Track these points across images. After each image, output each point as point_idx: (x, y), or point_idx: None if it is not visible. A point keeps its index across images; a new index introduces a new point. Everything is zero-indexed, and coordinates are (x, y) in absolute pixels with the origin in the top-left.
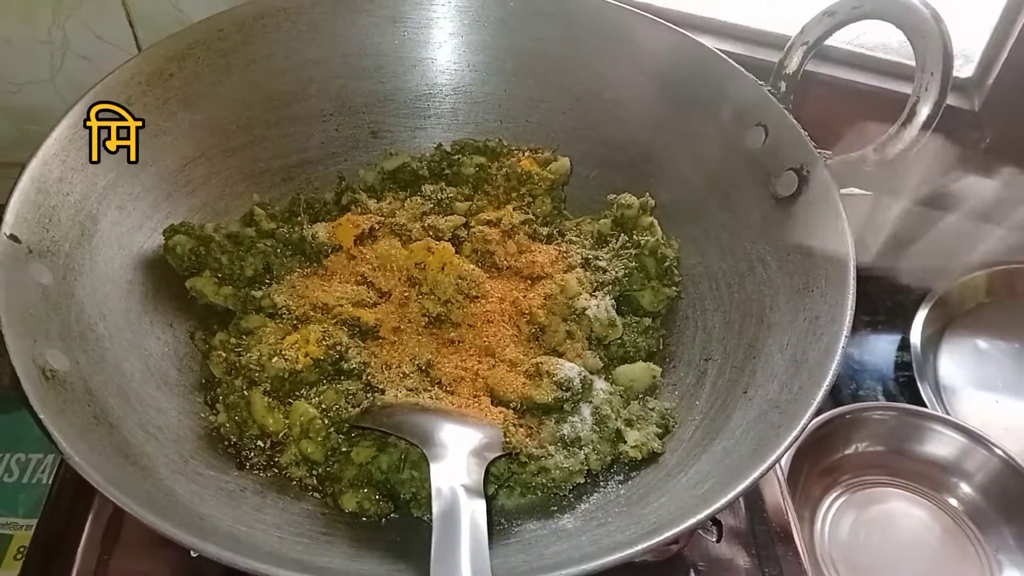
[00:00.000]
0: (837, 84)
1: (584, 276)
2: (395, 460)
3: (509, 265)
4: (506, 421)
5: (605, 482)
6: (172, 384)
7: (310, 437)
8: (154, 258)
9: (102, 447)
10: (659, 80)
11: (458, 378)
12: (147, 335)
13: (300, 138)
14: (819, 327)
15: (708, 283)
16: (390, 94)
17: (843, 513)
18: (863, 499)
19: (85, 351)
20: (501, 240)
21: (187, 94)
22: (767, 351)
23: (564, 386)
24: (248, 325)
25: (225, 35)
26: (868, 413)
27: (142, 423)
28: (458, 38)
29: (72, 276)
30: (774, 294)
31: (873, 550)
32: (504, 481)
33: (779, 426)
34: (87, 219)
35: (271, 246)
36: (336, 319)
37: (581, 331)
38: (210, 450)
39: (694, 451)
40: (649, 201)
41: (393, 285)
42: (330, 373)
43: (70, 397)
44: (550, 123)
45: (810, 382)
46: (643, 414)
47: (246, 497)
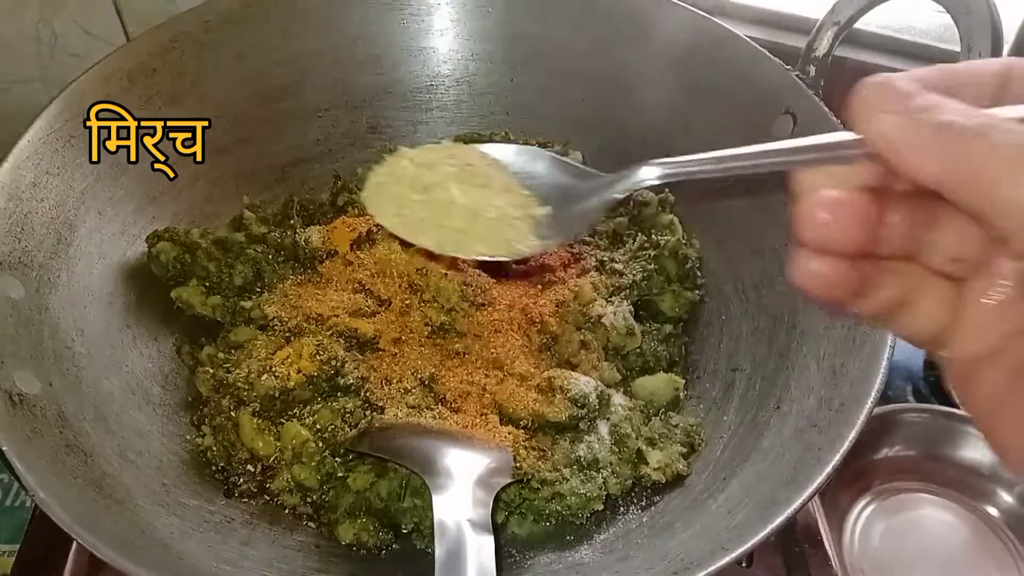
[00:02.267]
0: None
1: (599, 280)
2: (395, 487)
3: (518, 269)
4: (516, 443)
5: (625, 508)
6: (155, 404)
7: (303, 462)
8: (137, 267)
9: (73, 479)
10: (678, 66)
11: (464, 393)
12: (129, 351)
13: (293, 135)
14: (859, 335)
15: (733, 285)
16: (389, 86)
17: (874, 520)
18: (895, 506)
19: (59, 371)
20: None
21: (172, 90)
22: (801, 361)
23: (579, 402)
24: (237, 338)
25: (212, 26)
26: (900, 415)
27: (121, 449)
28: (461, 25)
29: (46, 289)
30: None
31: (906, 559)
32: (515, 508)
33: (819, 448)
34: (63, 226)
35: (262, 252)
36: (331, 330)
37: (597, 340)
38: (195, 476)
39: (723, 474)
40: (668, 197)
41: (393, 293)
42: (325, 390)
43: (40, 424)
44: (561, 114)
45: (852, 398)
46: (666, 431)
47: (234, 529)
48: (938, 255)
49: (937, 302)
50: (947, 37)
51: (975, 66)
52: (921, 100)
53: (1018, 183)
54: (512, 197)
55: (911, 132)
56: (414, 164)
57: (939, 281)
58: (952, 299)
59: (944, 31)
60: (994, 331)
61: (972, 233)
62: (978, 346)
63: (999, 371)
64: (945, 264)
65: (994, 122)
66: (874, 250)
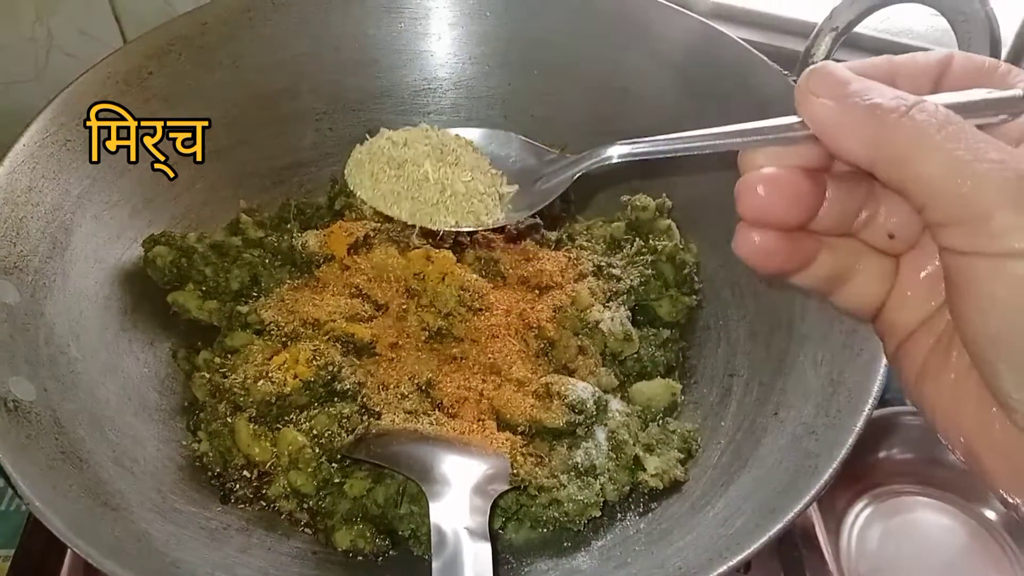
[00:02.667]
0: None
1: (596, 285)
2: (392, 493)
3: (515, 274)
4: (513, 449)
5: (623, 515)
6: (151, 409)
7: (299, 468)
8: (133, 271)
9: (68, 487)
10: (676, 71)
11: (461, 399)
12: (125, 355)
13: (291, 138)
14: (857, 341)
15: (731, 290)
16: (386, 90)
17: (871, 523)
18: (892, 509)
19: (55, 377)
20: (506, 247)
21: (168, 93)
22: (799, 367)
23: (576, 408)
24: (233, 343)
25: (209, 29)
26: (897, 418)
27: (116, 456)
28: (458, 28)
29: (42, 294)
30: (804, 302)
31: (903, 563)
32: (512, 514)
33: (817, 455)
34: (59, 230)
35: (259, 256)
36: (328, 335)
37: (594, 346)
38: (191, 483)
39: (721, 480)
40: (666, 202)
41: (390, 297)
42: (322, 395)
43: (35, 431)
44: (558, 118)
45: (849, 406)
46: (663, 437)
47: (230, 536)
48: (875, 231)
49: (875, 276)
50: (945, 41)
51: (918, 56)
52: (856, 85)
53: (928, 160)
54: (481, 175)
55: (842, 115)
56: (391, 143)
57: (877, 256)
58: (889, 274)
59: (942, 35)
60: (926, 304)
61: (905, 210)
62: (912, 318)
63: (927, 341)
64: (881, 240)
65: (916, 104)
66: (812, 225)
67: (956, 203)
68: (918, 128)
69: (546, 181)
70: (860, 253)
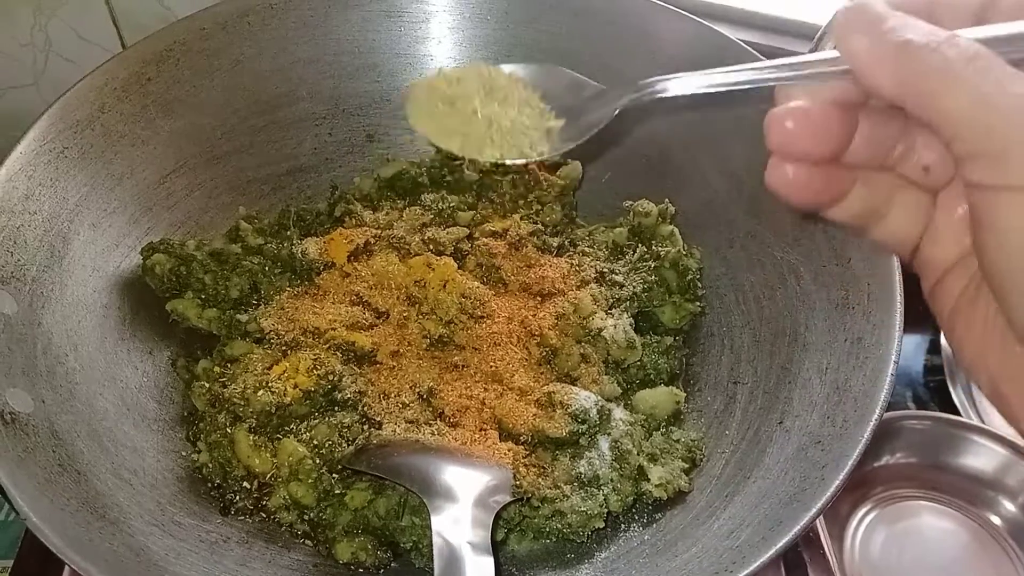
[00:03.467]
0: None
1: (599, 292)
2: (394, 504)
3: (517, 281)
4: (516, 460)
5: (626, 526)
6: (151, 419)
7: (300, 479)
8: (132, 279)
9: (66, 500)
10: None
11: (463, 408)
12: (124, 365)
13: (290, 144)
14: (863, 350)
15: (734, 297)
16: (387, 94)
17: (875, 528)
18: (895, 514)
19: (52, 388)
20: (508, 253)
21: (167, 100)
22: (804, 375)
23: (579, 418)
24: (233, 352)
25: (208, 35)
26: (901, 422)
27: (115, 467)
28: (459, 33)
29: (39, 303)
30: (809, 310)
31: (906, 568)
32: (515, 525)
33: (823, 466)
34: (57, 239)
35: (258, 264)
36: (329, 344)
37: (597, 354)
38: (191, 494)
39: (725, 490)
40: (669, 207)
41: (391, 305)
42: (322, 405)
43: (32, 443)
44: None
45: (856, 415)
46: (667, 447)
47: (229, 548)
48: (911, 165)
49: (911, 211)
50: None
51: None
52: (891, 22)
53: (954, 93)
54: (529, 110)
55: (876, 51)
56: (446, 80)
57: (914, 191)
58: (926, 209)
59: None
60: (961, 241)
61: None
62: (947, 255)
63: (960, 281)
64: (917, 173)
65: (947, 39)
66: (847, 158)
67: (980, 136)
68: (946, 62)
69: (591, 113)
70: (896, 187)
